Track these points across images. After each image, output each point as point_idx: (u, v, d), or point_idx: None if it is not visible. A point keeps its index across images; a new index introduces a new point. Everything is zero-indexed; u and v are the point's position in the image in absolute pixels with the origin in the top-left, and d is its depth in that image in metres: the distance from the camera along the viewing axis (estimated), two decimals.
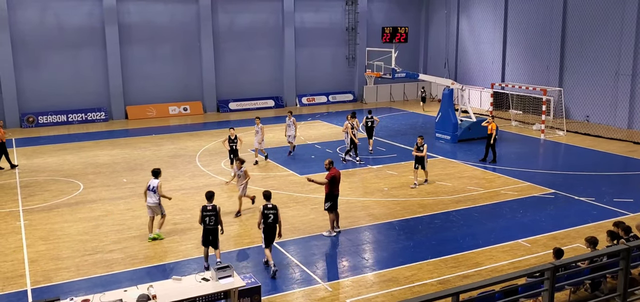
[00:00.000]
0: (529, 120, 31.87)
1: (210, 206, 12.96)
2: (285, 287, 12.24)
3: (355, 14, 40.90)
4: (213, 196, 13.21)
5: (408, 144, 26.46)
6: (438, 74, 39.32)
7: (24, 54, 32.07)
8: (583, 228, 15.43)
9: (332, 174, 14.90)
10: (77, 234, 15.44)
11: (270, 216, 12.90)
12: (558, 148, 26.47)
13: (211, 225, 12.92)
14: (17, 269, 13.22)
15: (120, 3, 33.73)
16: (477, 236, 15.13)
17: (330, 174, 14.90)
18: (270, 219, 12.90)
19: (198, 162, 23.39)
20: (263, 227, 12.94)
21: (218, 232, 13.07)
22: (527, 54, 35.94)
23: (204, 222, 12.96)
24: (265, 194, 13.24)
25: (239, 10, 37.50)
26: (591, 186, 19.63)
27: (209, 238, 13.01)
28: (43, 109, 32.87)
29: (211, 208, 12.94)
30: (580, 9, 31.94)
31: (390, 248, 14.53)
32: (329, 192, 14.93)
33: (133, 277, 12.55)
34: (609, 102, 30.72)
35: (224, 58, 37.41)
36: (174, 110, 36.13)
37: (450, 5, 41.47)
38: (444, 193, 18.88)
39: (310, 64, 40.40)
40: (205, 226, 12.96)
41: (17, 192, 19.49)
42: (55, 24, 32.67)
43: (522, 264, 13.19)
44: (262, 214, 12.87)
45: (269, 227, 12.94)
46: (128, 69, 34.72)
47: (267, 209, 12.91)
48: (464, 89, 29.39)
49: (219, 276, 10.12)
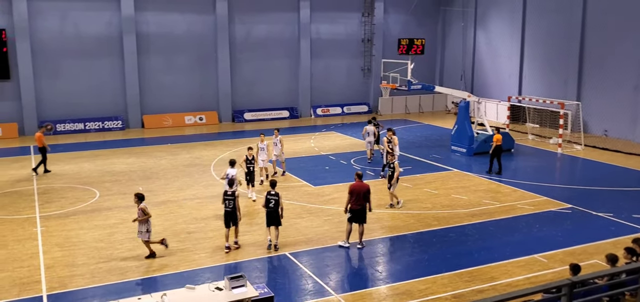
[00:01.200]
0: (546, 134, 31.60)
1: (230, 191, 14.68)
2: (298, 299, 12.21)
3: (371, 26, 40.94)
4: (234, 183, 15.23)
5: (423, 156, 26.37)
6: (454, 87, 39.15)
7: (43, 62, 32.49)
8: (600, 244, 15.22)
9: (351, 188, 15.00)
10: (92, 241, 15.55)
11: (271, 201, 14.53)
12: (575, 162, 26.20)
13: (230, 208, 14.55)
14: (33, 275, 13.33)
15: (139, 13, 34.08)
16: (492, 250, 14.98)
17: (350, 187, 15.05)
18: (271, 203, 14.53)
19: (213, 171, 23.47)
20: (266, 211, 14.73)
21: (236, 215, 14.64)
22: (544, 68, 35.70)
23: (224, 205, 14.62)
24: (272, 182, 15.14)
25: (256, 21, 37.71)
26: (609, 201, 19.37)
27: (230, 221, 14.66)
28: (61, 117, 33.23)
29: (231, 193, 14.65)
30: (599, 22, 31.68)
31: (404, 261, 14.44)
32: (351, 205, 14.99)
33: (147, 286, 12.59)
34: (628, 117, 30.37)
35: (239, 68, 37.60)
36: (190, 119, 36.34)
37: (467, 18, 41.37)
38: (459, 206, 18.75)
39: (326, 75, 40.45)
40: (225, 208, 14.61)
41: (34, 198, 19.69)
42: (74, 33, 33.07)
43: (538, 280, 13.03)
44: (265, 199, 14.60)
45: (271, 211, 14.63)
46: (145, 79, 35.02)
47: (270, 195, 14.59)
48: (480, 101, 29.24)
49: (233, 286, 10.12)
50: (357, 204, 14.93)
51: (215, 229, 16.38)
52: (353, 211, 14.99)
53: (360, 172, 15.61)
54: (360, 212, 15.01)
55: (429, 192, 20.47)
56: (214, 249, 14.95)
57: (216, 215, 17.57)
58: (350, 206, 14.98)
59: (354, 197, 14.90)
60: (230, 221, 14.67)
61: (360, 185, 15.07)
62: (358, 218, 15.04)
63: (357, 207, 14.94)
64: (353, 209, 14.98)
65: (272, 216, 14.67)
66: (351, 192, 14.94)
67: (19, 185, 21.55)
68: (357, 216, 15.02)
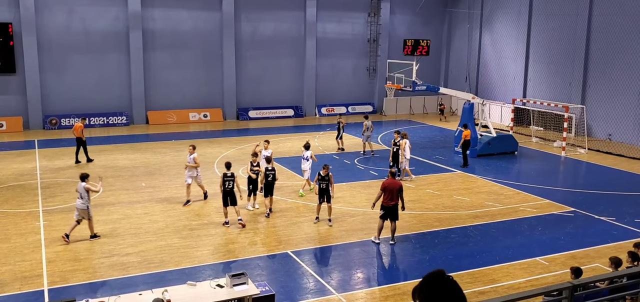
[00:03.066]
0: (550, 137, 31.54)
1: (229, 173, 16.15)
2: (299, 297, 12.22)
3: (377, 26, 40.91)
4: (231, 166, 16.67)
5: (427, 157, 26.36)
6: (459, 88, 39.09)
7: (49, 57, 32.59)
8: (602, 248, 15.20)
9: (384, 185, 15.06)
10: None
11: (269, 175, 17.14)
12: (579, 166, 26.14)
13: (230, 188, 16.02)
14: (35, 269, 13.38)
15: (145, 9, 34.14)
16: (494, 252, 14.97)
17: (383, 184, 15.15)
18: (269, 177, 17.14)
19: (216, 169, 23.51)
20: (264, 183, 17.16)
21: (235, 194, 16.09)
22: (549, 71, 35.62)
23: (224, 186, 16.00)
24: (267, 158, 17.73)
25: (262, 19, 37.73)
26: (612, 205, 19.33)
27: (227, 199, 16.08)
28: (66, 112, 33.32)
29: (230, 174, 16.11)
30: (605, 27, 31.60)
31: (406, 261, 14.44)
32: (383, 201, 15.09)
33: (148, 281, 12.62)
34: (632, 121, 30.28)
35: (245, 66, 37.63)
36: (194, 116, 36.39)
37: (473, 19, 41.30)
38: (462, 208, 18.73)
39: (331, 74, 40.45)
40: (225, 189, 16.00)
41: (37, 192, 19.76)
42: (81, 29, 33.15)
43: (540, 282, 13.02)
44: (264, 174, 17.17)
45: (268, 183, 17.16)
46: (150, 75, 35.09)
47: (268, 171, 17.17)
48: (484, 103, 29.21)
49: (234, 283, 10.14)
50: (390, 201, 14.96)
51: (217, 226, 16.42)
52: (385, 207, 15.02)
53: (394, 170, 15.94)
54: (392, 209, 15.05)
55: (432, 193, 20.46)
56: (216, 246, 14.99)
57: (218, 212, 17.61)
58: (383, 203, 15.03)
59: (387, 194, 14.93)
60: (228, 199, 16.04)
61: (392, 182, 15.10)
62: (390, 215, 15.09)
63: (389, 204, 14.97)
64: (385, 206, 15.01)
65: (270, 186, 17.11)
66: (384, 189, 14.98)
67: (22, 179, 21.62)
68: (390, 212, 15.06)
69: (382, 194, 15.05)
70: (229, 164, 16.77)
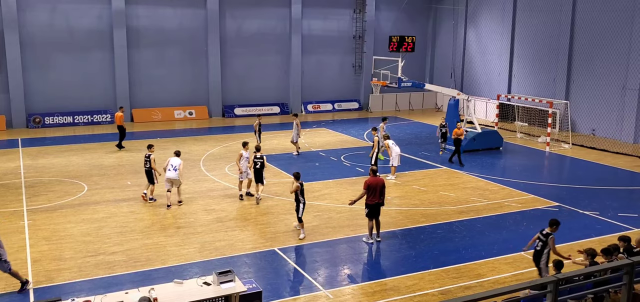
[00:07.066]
0: (535, 133, 31.80)
1: (259, 155, 18.01)
2: (287, 294, 12.24)
3: (362, 23, 40.97)
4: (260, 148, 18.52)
5: (413, 153, 26.46)
6: (444, 84, 39.29)
7: (32, 55, 32.25)
8: (586, 242, 15.35)
9: (367, 183, 15.02)
10: (80, 235, 15.49)
11: (257, 163, 18.02)
12: (563, 161, 26.39)
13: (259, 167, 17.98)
14: (20, 268, 13.22)
15: (129, 6, 33.89)
16: (479, 247, 15.08)
17: (366, 182, 15.08)
18: (258, 165, 18.03)
19: (202, 166, 23.43)
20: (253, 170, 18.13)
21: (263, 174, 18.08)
22: (534, 67, 35.91)
23: (254, 166, 18.00)
24: (257, 147, 18.70)
25: (247, 16, 37.63)
26: (596, 199, 19.55)
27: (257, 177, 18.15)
28: (49, 110, 33.01)
29: (260, 156, 17.96)
30: (588, 23, 31.92)
31: (392, 257, 14.50)
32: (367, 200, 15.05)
33: (134, 280, 12.57)
34: (615, 117, 30.64)
35: (230, 63, 37.51)
36: (180, 114, 36.23)
37: (458, 16, 41.51)
38: (447, 203, 18.84)
39: (317, 71, 40.45)
40: (255, 168, 18.02)
41: (21, 191, 19.57)
42: (64, 26, 32.84)
43: (525, 277, 13.13)
44: (253, 161, 18.08)
45: (257, 171, 18.11)
46: (135, 72, 34.86)
47: (256, 158, 18.06)
48: (469, 99, 29.38)
49: (221, 281, 10.12)
50: (374, 199, 14.96)
51: (204, 224, 16.38)
52: (370, 206, 15.02)
53: (374, 168, 15.79)
54: (376, 207, 15.07)
55: (418, 189, 20.56)
56: (203, 244, 14.95)
57: (205, 210, 17.58)
58: (367, 201, 15.00)
59: (371, 192, 14.94)
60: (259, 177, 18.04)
61: (376, 180, 15.11)
62: (375, 213, 15.11)
63: (373, 202, 14.98)
64: (370, 205, 15.01)
65: (259, 173, 18.10)
66: (368, 188, 14.97)
67: (6, 178, 21.40)
68: (374, 210, 15.08)
69: (366, 192, 15.07)
70: (258, 147, 18.68)
